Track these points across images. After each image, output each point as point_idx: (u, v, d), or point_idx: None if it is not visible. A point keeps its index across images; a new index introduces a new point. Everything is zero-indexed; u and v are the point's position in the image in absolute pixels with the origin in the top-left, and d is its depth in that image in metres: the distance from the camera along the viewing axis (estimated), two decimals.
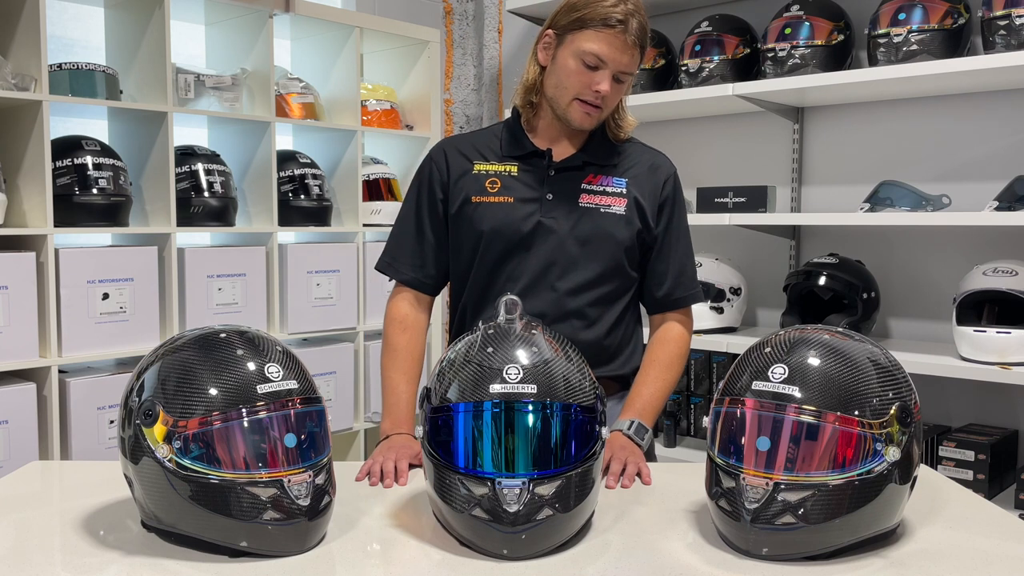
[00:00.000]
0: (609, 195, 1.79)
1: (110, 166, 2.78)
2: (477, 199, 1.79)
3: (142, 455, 1.24)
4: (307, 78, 3.44)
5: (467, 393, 1.27)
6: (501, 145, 1.84)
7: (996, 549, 1.29)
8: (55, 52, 2.89)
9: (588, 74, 1.69)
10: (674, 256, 1.86)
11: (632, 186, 1.81)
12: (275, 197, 3.15)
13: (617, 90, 1.73)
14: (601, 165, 1.81)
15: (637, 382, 1.83)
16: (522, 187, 1.79)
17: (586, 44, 1.68)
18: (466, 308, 1.85)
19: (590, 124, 1.76)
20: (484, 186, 1.79)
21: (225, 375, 1.26)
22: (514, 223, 1.76)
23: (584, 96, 1.71)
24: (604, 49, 1.67)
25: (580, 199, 1.78)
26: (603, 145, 1.83)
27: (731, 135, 3.28)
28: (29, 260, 2.62)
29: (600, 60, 1.68)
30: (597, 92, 1.70)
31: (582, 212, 1.77)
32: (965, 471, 2.53)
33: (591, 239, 1.77)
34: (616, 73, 1.70)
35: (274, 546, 1.24)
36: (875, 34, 2.64)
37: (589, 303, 1.78)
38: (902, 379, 1.29)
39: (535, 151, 1.81)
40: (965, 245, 2.77)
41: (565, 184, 1.79)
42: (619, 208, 1.78)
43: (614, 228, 1.78)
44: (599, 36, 1.67)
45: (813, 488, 1.21)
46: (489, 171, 1.81)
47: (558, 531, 1.26)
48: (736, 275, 3.05)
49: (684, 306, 1.89)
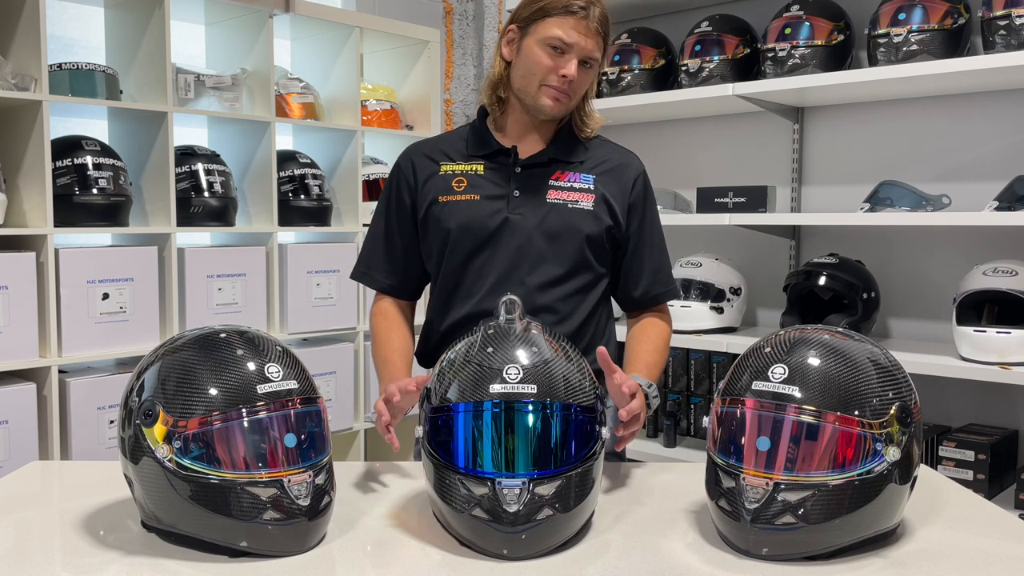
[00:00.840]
0: (576, 191, 1.79)
1: (110, 166, 2.78)
2: (444, 199, 1.79)
3: (142, 455, 1.24)
4: (307, 78, 3.44)
5: (467, 393, 1.27)
6: (467, 145, 1.84)
7: (996, 549, 1.29)
8: (55, 52, 2.89)
9: (554, 59, 1.71)
10: (649, 255, 1.86)
11: (600, 183, 1.81)
12: (275, 197, 3.15)
13: (583, 77, 1.74)
14: (568, 162, 1.81)
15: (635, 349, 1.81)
16: (488, 185, 1.79)
17: (550, 31, 1.70)
18: (436, 307, 1.85)
19: (559, 111, 1.76)
20: (451, 185, 1.80)
21: (225, 375, 1.26)
22: (481, 220, 1.76)
23: (551, 81, 1.72)
24: (568, 33, 1.69)
25: (547, 195, 1.78)
26: (569, 142, 1.84)
27: (731, 135, 3.28)
28: (29, 260, 2.62)
29: (565, 44, 1.69)
30: (564, 77, 1.71)
31: (549, 208, 1.77)
32: (965, 471, 2.53)
33: (559, 234, 1.76)
34: (582, 58, 1.71)
35: (274, 546, 1.24)
36: (875, 34, 2.64)
37: (560, 298, 1.77)
38: (902, 379, 1.29)
39: (501, 149, 1.81)
40: (965, 245, 2.77)
41: (532, 180, 1.79)
42: (587, 204, 1.78)
43: (581, 223, 1.77)
44: (563, 22, 1.69)
45: (813, 488, 1.21)
46: (455, 171, 1.81)
47: (558, 531, 1.26)
48: (736, 275, 3.05)
49: (662, 302, 1.89)
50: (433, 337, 1.85)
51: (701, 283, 3.01)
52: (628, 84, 3.17)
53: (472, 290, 1.78)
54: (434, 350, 1.85)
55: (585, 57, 1.72)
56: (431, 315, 1.87)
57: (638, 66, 3.16)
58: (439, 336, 1.83)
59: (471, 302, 1.78)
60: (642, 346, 1.82)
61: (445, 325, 1.81)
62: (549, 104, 1.74)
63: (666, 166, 3.43)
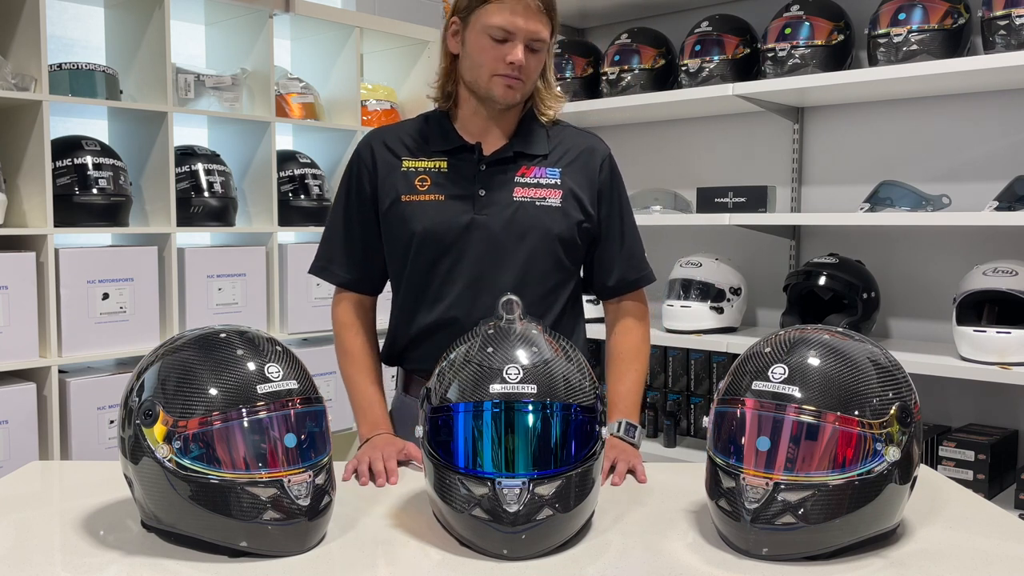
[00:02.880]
0: (543, 187, 1.75)
1: (110, 166, 2.78)
2: (407, 198, 1.74)
3: (142, 455, 1.24)
4: (307, 78, 3.44)
5: (467, 393, 1.27)
6: (428, 139, 1.78)
7: (996, 549, 1.29)
8: (55, 52, 2.89)
9: (499, 47, 1.66)
10: (621, 241, 1.82)
11: (566, 176, 1.77)
12: (275, 197, 3.16)
13: (534, 60, 1.69)
14: (533, 156, 1.77)
15: (611, 379, 1.81)
16: (452, 184, 1.74)
17: (491, 18, 1.65)
18: (403, 309, 1.80)
19: (513, 98, 1.70)
20: (414, 184, 1.75)
21: (225, 375, 1.26)
22: (447, 222, 1.72)
23: (500, 70, 1.67)
24: (509, 19, 1.64)
25: (514, 193, 1.73)
26: (532, 131, 1.79)
27: (731, 135, 3.28)
28: (29, 260, 2.62)
29: (507, 31, 1.64)
30: (512, 64, 1.66)
31: (517, 206, 1.73)
32: (965, 471, 2.53)
33: (527, 234, 1.72)
34: (528, 42, 1.66)
35: (274, 546, 1.24)
36: (875, 34, 2.64)
37: (532, 300, 1.71)
38: (902, 379, 1.29)
39: (464, 145, 1.76)
40: (965, 245, 2.77)
41: (497, 178, 1.74)
42: (554, 200, 1.74)
43: (551, 222, 1.74)
44: (501, 7, 1.64)
45: (813, 488, 1.21)
46: (418, 168, 1.76)
47: (558, 531, 1.26)
48: (736, 275, 3.05)
49: (637, 288, 1.86)
50: (401, 341, 1.81)
51: (701, 283, 3.01)
52: (628, 84, 3.17)
53: (441, 294, 1.74)
54: (401, 353, 1.82)
55: (531, 40, 1.66)
56: (398, 318, 1.81)
57: (638, 66, 3.16)
58: (408, 340, 1.79)
59: (441, 306, 1.74)
60: (619, 368, 1.81)
61: (415, 329, 1.77)
62: (501, 92, 1.69)
63: (666, 166, 3.43)
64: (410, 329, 1.78)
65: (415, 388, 1.81)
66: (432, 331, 1.75)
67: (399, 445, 1.67)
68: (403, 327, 1.80)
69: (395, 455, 1.63)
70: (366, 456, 1.63)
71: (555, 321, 1.78)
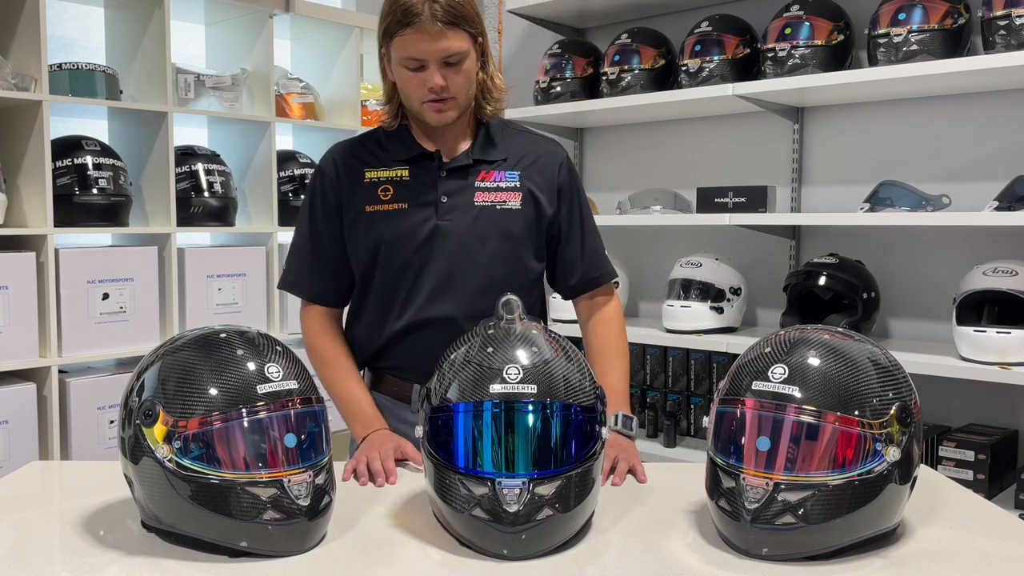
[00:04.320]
0: (503, 190, 1.77)
1: (110, 166, 2.78)
2: (371, 208, 1.75)
3: (142, 455, 1.24)
4: (307, 78, 3.44)
5: (467, 393, 1.27)
6: (388, 149, 1.79)
7: (996, 549, 1.29)
8: (55, 52, 2.89)
9: (417, 76, 1.65)
10: (580, 240, 1.84)
11: (525, 178, 1.79)
12: (275, 197, 3.16)
13: (456, 75, 1.67)
14: (491, 161, 1.78)
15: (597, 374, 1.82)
16: (415, 192, 1.75)
17: (400, 51, 1.64)
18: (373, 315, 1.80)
19: (448, 118, 1.71)
20: (376, 194, 1.75)
21: (225, 375, 1.26)
22: (411, 230, 1.73)
23: (426, 97, 1.67)
24: (413, 48, 1.62)
25: (475, 198, 1.75)
26: (490, 137, 1.80)
27: (731, 135, 3.28)
28: (29, 260, 2.62)
29: (418, 60, 1.64)
30: (432, 89, 1.65)
31: (478, 211, 1.75)
32: (965, 471, 2.53)
33: (490, 237, 1.75)
34: (442, 60, 1.64)
35: (274, 546, 1.24)
36: (875, 34, 2.64)
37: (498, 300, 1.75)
38: (902, 379, 1.29)
39: (424, 153, 1.77)
40: (965, 245, 2.77)
41: (458, 184, 1.76)
42: (514, 203, 1.77)
43: (511, 224, 1.76)
44: (404, 39, 1.62)
45: (813, 488, 1.21)
46: (380, 177, 1.77)
47: (558, 531, 1.26)
48: (736, 275, 3.05)
49: (601, 284, 1.87)
50: (371, 346, 1.82)
51: (701, 283, 3.01)
52: (628, 84, 3.17)
53: (409, 299, 1.76)
54: (372, 357, 1.84)
55: (444, 57, 1.64)
56: (368, 324, 1.82)
57: (638, 66, 3.16)
58: (380, 344, 1.80)
59: (410, 311, 1.75)
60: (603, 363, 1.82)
61: (386, 334, 1.78)
62: (433, 118, 1.70)
63: (666, 166, 3.43)
64: (381, 334, 1.79)
65: (386, 385, 1.84)
66: (402, 335, 1.77)
67: (395, 442, 1.68)
68: (375, 332, 1.81)
69: (392, 454, 1.64)
70: (364, 455, 1.64)
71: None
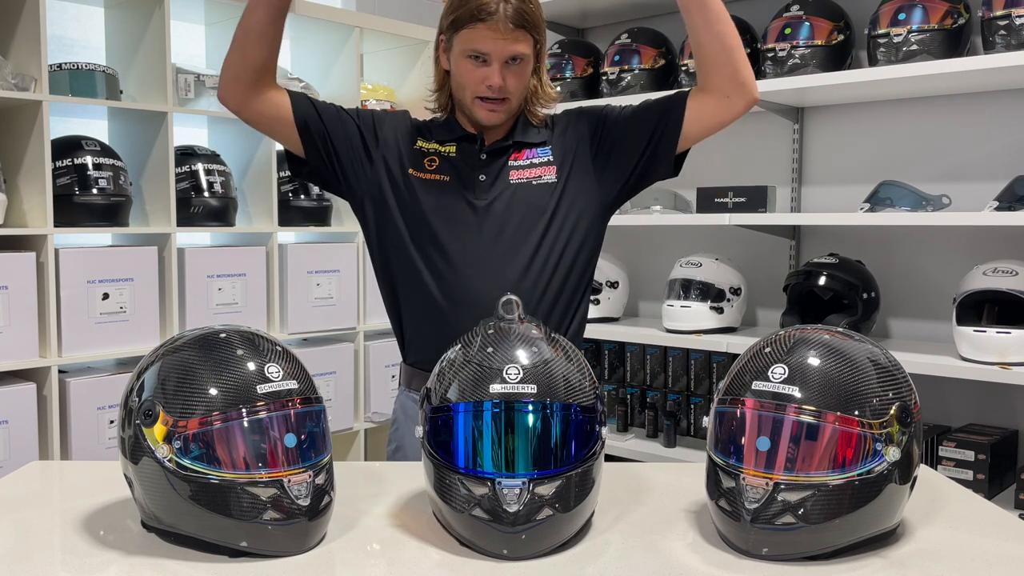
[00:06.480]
0: (537, 166, 1.78)
1: (110, 166, 2.78)
2: (415, 172, 1.77)
3: (142, 455, 1.24)
4: (307, 78, 3.44)
5: (467, 393, 1.27)
6: (435, 130, 1.82)
7: (996, 549, 1.29)
8: (55, 52, 2.89)
9: (479, 69, 1.68)
10: (646, 104, 1.82)
11: (556, 148, 1.80)
12: (275, 197, 3.16)
13: (514, 77, 1.70)
14: (530, 144, 1.80)
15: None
16: (457, 169, 1.78)
17: (466, 43, 1.67)
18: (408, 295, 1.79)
19: (498, 119, 1.74)
20: (423, 163, 1.78)
21: (225, 375, 1.26)
22: (451, 204, 1.75)
23: (481, 93, 1.70)
24: (481, 43, 1.65)
25: (510, 176, 1.77)
26: (530, 124, 1.82)
27: (731, 135, 3.27)
28: (29, 260, 2.62)
29: (483, 53, 1.66)
30: (490, 87, 1.68)
31: (514, 189, 1.76)
32: (965, 471, 2.53)
33: (527, 214, 1.75)
34: (506, 60, 1.67)
35: (274, 546, 1.24)
36: (875, 34, 2.64)
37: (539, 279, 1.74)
38: (902, 379, 1.29)
39: (467, 135, 1.80)
40: (965, 245, 2.77)
41: (495, 165, 1.78)
42: (550, 177, 1.78)
43: (547, 199, 1.76)
44: (474, 32, 1.65)
45: (813, 488, 1.21)
46: (429, 148, 1.80)
47: (558, 531, 1.26)
48: (736, 275, 3.05)
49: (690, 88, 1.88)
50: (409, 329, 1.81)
51: (701, 283, 3.01)
52: (628, 84, 3.17)
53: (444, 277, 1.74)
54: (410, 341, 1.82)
55: (508, 58, 1.67)
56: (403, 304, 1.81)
57: (638, 66, 3.16)
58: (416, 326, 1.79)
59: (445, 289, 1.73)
60: None
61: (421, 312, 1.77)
62: (485, 116, 1.73)
63: None
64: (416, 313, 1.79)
65: (417, 382, 1.82)
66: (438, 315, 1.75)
67: None
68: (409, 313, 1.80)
69: None
70: None
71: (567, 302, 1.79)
